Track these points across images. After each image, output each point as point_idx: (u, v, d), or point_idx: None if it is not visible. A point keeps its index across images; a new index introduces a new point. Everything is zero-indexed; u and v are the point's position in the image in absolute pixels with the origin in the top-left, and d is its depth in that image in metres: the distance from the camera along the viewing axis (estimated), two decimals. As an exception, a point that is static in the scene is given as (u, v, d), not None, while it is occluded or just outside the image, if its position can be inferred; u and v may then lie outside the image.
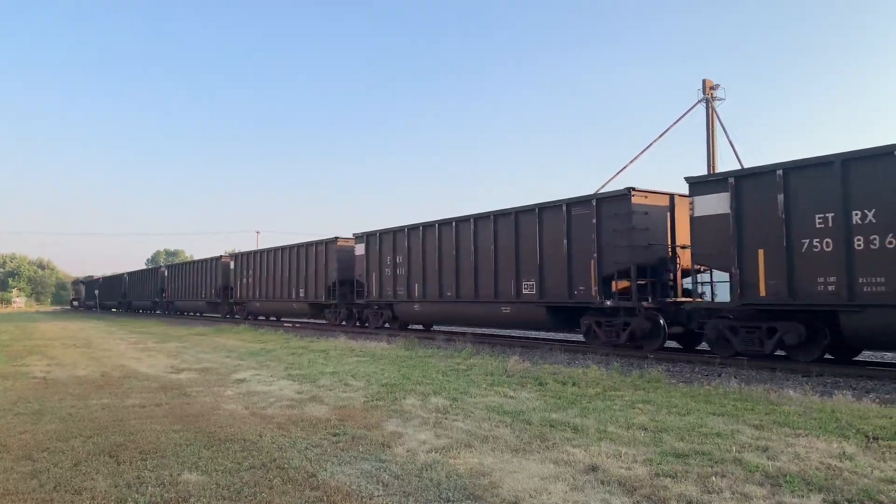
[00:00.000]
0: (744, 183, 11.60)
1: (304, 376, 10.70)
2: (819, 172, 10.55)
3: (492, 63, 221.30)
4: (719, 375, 10.69)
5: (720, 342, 12.38)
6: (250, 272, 32.07)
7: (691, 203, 12.38)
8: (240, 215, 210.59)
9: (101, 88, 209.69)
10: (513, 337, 19.15)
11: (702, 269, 13.06)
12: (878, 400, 8.01)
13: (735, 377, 10.29)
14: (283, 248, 28.99)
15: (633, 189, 13.58)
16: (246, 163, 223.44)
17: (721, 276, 12.69)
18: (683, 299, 13.69)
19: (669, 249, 13.83)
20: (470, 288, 17.78)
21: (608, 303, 13.91)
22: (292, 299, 27.95)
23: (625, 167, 34.61)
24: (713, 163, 33.73)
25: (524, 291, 15.99)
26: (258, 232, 62.36)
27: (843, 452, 5.40)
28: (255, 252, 32.30)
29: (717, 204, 11.97)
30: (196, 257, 48.36)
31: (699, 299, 13.25)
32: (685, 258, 13.57)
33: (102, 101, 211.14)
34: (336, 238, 25.03)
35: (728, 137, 33.44)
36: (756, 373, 10.87)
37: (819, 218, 10.51)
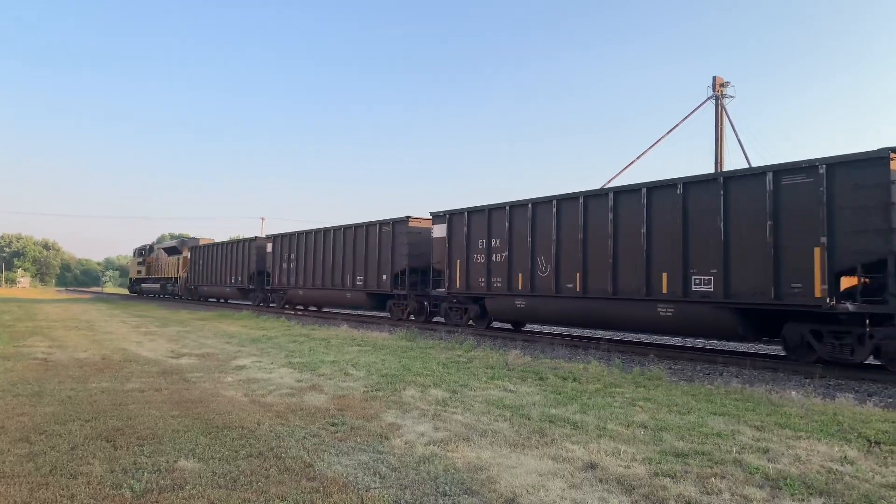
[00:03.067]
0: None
1: (304, 364, 10.68)
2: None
3: (502, 65, 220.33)
4: (721, 374, 10.65)
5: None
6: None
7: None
8: (245, 202, 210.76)
9: (110, 71, 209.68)
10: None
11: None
12: (880, 404, 7.95)
13: (737, 377, 10.25)
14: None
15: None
16: (252, 149, 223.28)
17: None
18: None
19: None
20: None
21: None
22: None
23: (632, 163, 34.61)
24: (721, 159, 33.59)
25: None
26: (263, 218, 61.63)
27: (845, 456, 5.35)
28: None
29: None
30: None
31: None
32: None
33: (110, 83, 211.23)
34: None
35: (736, 134, 33.31)
36: (758, 373, 10.82)
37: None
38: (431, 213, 20.07)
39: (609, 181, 33.17)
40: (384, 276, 21.92)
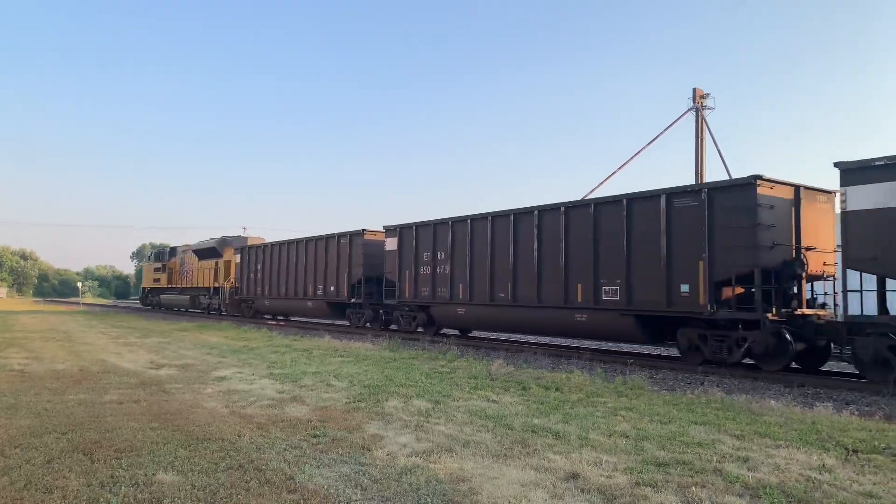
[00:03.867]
0: None
1: (286, 375, 10.61)
2: None
3: (484, 71, 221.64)
4: (702, 384, 10.73)
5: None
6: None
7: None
8: (226, 212, 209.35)
9: (86, 80, 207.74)
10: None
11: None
12: (857, 412, 8.05)
13: (718, 386, 10.33)
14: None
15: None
16: (233, 159, 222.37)
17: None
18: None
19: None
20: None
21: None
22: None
23: (613, 173, 34.82)
24: (701, 170, 33.94)
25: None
26: (244, 228, 60.31)
27: (823, 465, 5.41)
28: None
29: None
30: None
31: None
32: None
33: (87, 93, 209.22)
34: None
35: (716, 145, 33.71)
36: (738, 382, 10.91)
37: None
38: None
39: (591, 191, 33.45)
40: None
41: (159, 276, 43.61)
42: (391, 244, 20.75)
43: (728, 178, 23.84)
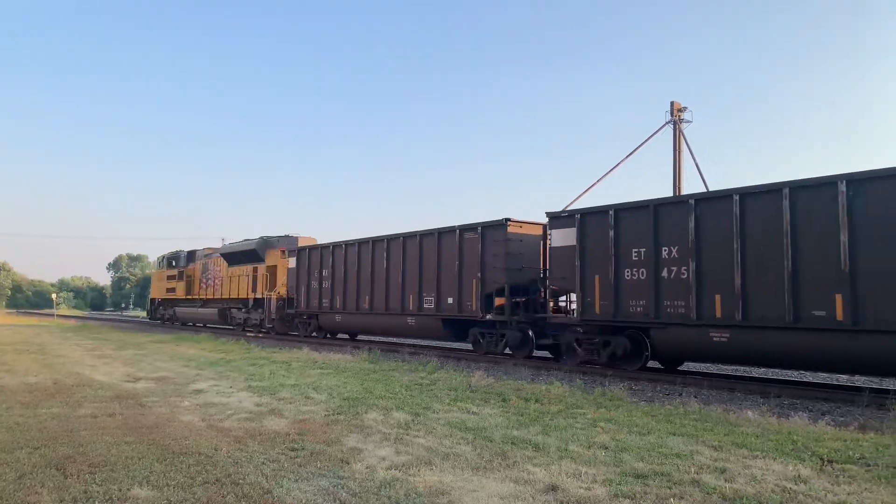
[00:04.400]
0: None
1: (264, 388, 10.51)
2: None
3: (461, 86, 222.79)
4: (680, 395, 10.80)
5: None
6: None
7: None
8: (203, 222, 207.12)
9: (57, 86, 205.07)
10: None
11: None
12: (833, 423, 8.16)
13: (695, 397, 10.41)
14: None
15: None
16: (211, 171, 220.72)
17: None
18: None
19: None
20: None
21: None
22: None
23: (592, 185, 34.86)
24: (679, 183, 34.29)
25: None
26: (223, 239, 58.98)
27: (799, 475, 5.47)
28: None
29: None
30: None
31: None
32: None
33: (59, 99, 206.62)
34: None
35: (694, 158, 34.00)
36: (716, 393, 11.01)
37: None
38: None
39: (571, 202, 33.56)
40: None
41: (174, 285, 36.21)
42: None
43: (706, 189, 24.20)
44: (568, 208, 15.39)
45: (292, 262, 25.43)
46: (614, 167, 34.84)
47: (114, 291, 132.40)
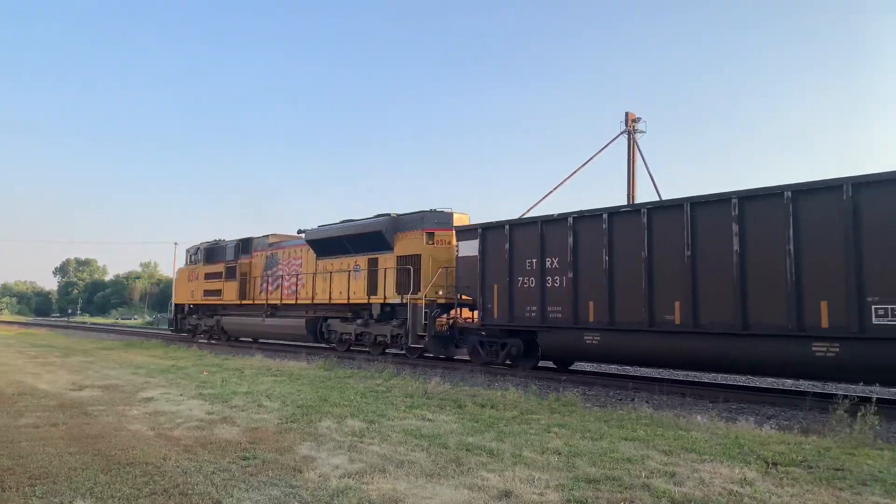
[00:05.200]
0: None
1: (215, 396, 10.31)
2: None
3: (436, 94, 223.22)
4: (633, 400, 10.98)
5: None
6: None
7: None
8: (154, 226, 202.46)
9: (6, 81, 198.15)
10: None
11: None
12: (777, 426, 8.40)
13: (647, 402, 10.59)
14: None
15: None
16: (160, 170, 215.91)
17: None
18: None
19: None
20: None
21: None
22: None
23: (549, 193, 35.30)
24: (632, 191, 34.96)
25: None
26: (176, 244, 56.37)
27: (744, 478, 5.60)
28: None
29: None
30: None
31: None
32: None
33: (9, 95, 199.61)
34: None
35: (647, 168, 34.73)
36: (668, 398, 11.21)
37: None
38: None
39: (529, 209, 33.94)
40: None
41: (217, 286, 26.60)
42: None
43: (658, 198, 24.73)
44: (526, 215, 15.99)
45: (466, 248, 16.33)
46: (570, 175, 35.45)
47: (60, 296, 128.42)
